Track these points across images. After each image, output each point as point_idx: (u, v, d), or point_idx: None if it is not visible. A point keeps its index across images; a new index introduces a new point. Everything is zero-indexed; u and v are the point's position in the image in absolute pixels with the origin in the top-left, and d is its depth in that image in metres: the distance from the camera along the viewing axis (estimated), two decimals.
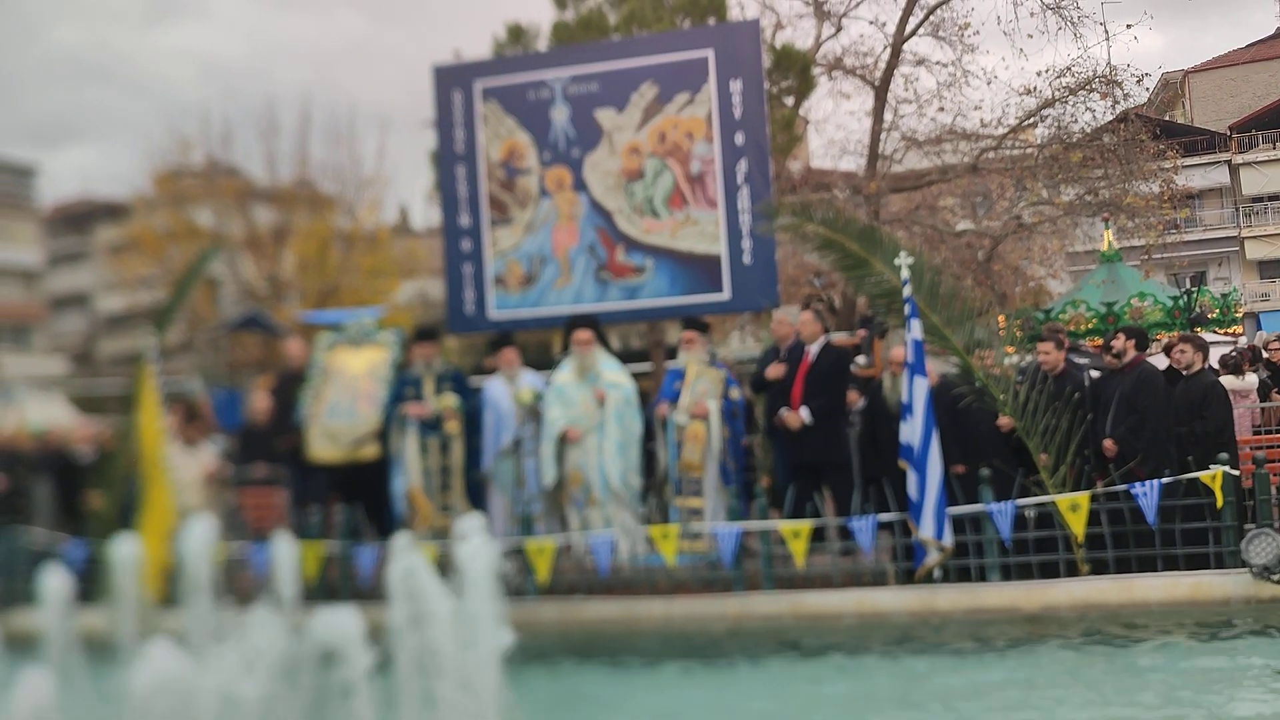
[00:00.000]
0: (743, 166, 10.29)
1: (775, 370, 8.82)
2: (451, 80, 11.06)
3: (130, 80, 70.11)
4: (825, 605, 7.62)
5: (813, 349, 8.92)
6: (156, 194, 28.33)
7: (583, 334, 8.89)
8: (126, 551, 5.73)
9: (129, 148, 69.56)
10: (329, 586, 8.30)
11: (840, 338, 13.51)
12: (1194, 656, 6.27)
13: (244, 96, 60.41)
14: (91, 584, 8.18)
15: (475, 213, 10.83)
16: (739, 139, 10.32)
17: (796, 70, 18.62)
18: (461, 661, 4.24)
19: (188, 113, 44.52)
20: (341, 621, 3.76)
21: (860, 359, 12.74)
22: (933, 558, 7.60)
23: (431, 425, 8.77)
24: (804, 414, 8.64)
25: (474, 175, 10.85)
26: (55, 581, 5.56)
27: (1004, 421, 8.03)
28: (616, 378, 8.83)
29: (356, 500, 8.78)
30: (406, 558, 4.36)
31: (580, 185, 10.68)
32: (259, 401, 9.88)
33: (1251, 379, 10.82)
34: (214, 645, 4.61)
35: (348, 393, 9.27)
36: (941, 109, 19.69)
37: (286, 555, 5.83)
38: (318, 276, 26.15)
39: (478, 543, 4.40)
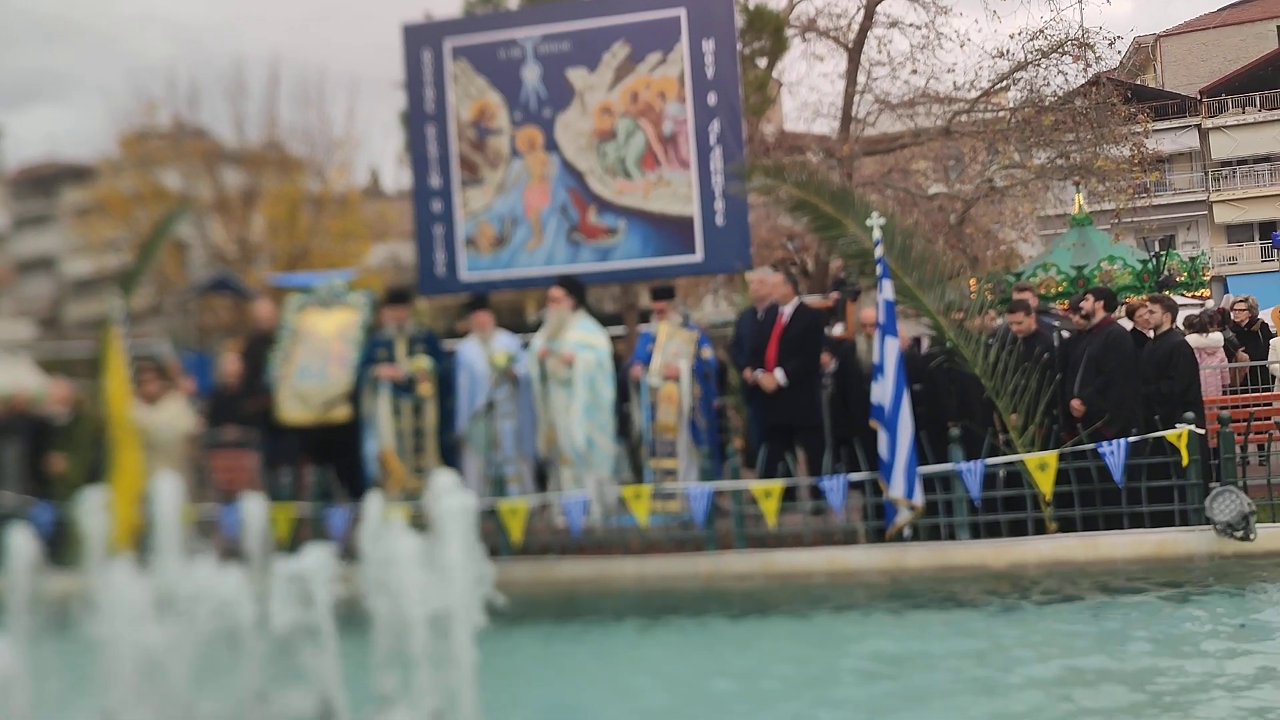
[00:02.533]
0: (715, 127, 10.23)
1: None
2: (421, 39, 10.91)
3: (96, 42, 68.87)
4: (796, 564, 7.67)
5: (786, 310, 8.95)
6: (123, 156, 27.94)
7: (555, 291, 8.88)
8: (94, 505, 5.66)
9: (95, 109, 68.43)
10: (301, 549, 8.27)
11: (814, 300, 13.54)
12: (1159, 612, 6.37)
13: (211, 57, 59.43)
14: (59, 547, 8.12)
15: (446, 173, 10.73)
16: (711, 99, 10.25)
17: (770, 31, 18.54)
18: (435, 621, 4.25)
19: (154, 74, 43.74)
20: (311, 559, 3.76)
21: (837, 328, 12.80)
22: (903, 516, 7.67)
23: (404, 387, 8.74)
24: (779, 375, 8.67)
25: (444, 135, 10.74)
26: (20, 543, 5.49)
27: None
28: (590, 339, 8.80)
29: (328, 462, 8.74)
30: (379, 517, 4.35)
31: (552, 145, 10.59)
32: (229, 364, 9.82)
33: (1216, 336, 10.96)
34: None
35: (318, 355, 9.21)
36: (915, 71, 19.67)
37: (257, 516, 5.79)
38: (287, 239, 25.90)
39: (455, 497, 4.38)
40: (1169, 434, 7.45)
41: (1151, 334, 8.60)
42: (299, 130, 27.25)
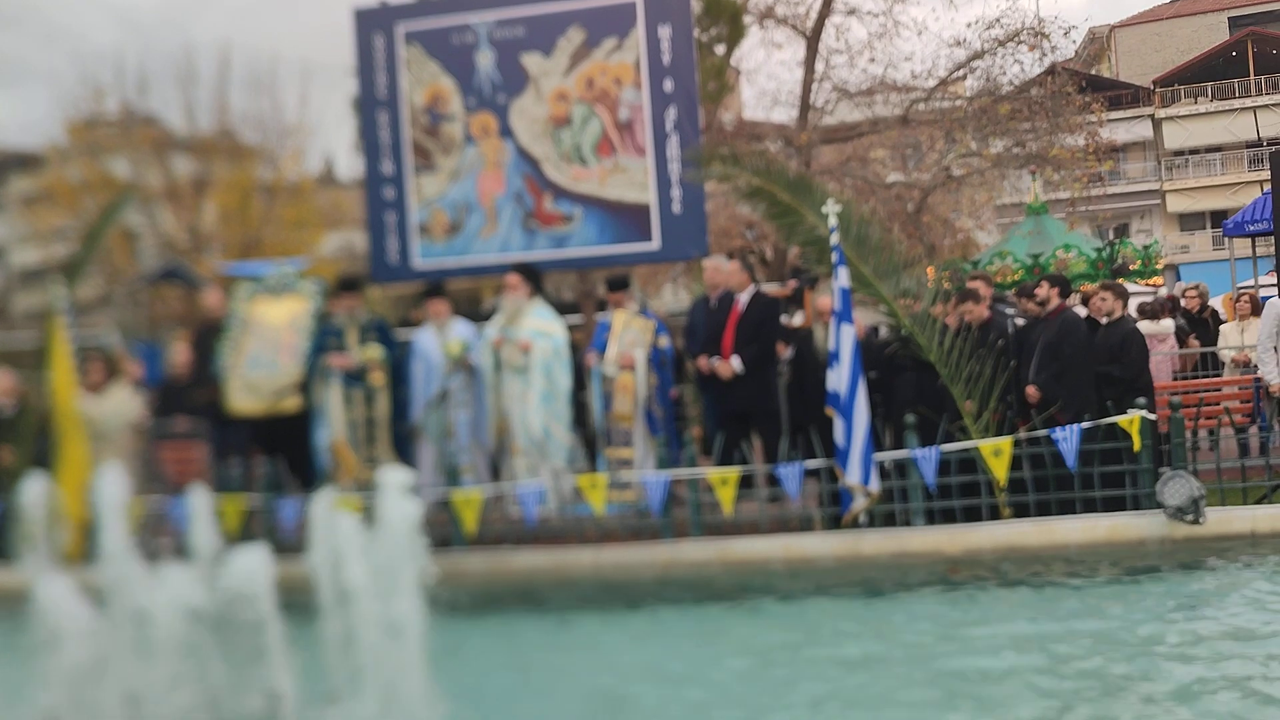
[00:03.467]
0: (671, 114, 10.16)
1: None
2: (372, 24, 10.75)
3: (41, 27, 67.51)
4: (753, 551, 7.65)
5: (742, 298, 8.92)
6: (71, 144, 27.41)
7: (511, 278, 8.79)
8: (36, 493, 5.51)
9: (41, 96, 67.11)
10: (251, 540, 8.14)
11: (771, 288, 13.55)
12: (1111, 594, 6.41)
13: (160, 43, 58.41)
14: (5, 540, 8.00)
15: (398, 160, 10.58)
16: (668, 86, 10.18)
17: (727, 18, 18.50)
18: (383, 610, 4.19)
19: (102, 60, 42.95)
20: (249, 560, 3.70)
21: (797, 316, 12.80)
22: (859, 503, 7.67)
23: (355, 377, 8.61)
24: (735, 363, 8.64)
25: (396, 121, 10.58)
26: None
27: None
28: (546, 327, 8.72)
29: (278, 453, 8.61)
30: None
31: (506, 132, 10.47)
32: (179, 354, 9.66)
33: (1167, 323, 11.07)
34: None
35: (268, 344, 9.06)
36: (872, 60, 19.76)
37: (204, 508, 5.69)
38: (239, 228, 25.53)
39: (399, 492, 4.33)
40: (1121, 420, 7.51)
41: (1104, 321, 8.66)
42: (251, 117, 26.83)
